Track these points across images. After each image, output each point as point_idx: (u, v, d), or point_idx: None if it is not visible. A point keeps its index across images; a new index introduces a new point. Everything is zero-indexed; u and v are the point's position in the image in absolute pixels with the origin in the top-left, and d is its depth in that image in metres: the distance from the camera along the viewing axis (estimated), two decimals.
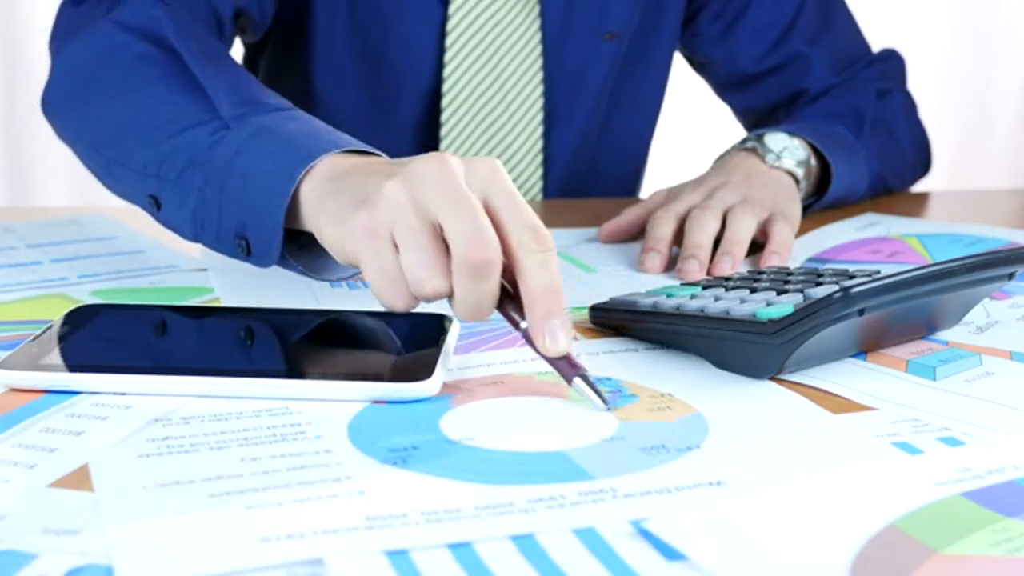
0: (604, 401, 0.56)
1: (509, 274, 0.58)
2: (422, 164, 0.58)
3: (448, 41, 1.02)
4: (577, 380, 0.56)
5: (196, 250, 0.86)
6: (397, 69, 1.04)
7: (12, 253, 0.84)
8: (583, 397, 0.56)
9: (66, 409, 0.55)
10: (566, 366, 0.57)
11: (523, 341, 0.65)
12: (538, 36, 1.04)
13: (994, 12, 2.44)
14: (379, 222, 0.57)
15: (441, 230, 0.56)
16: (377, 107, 1.06)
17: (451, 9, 1.01)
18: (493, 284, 0.57)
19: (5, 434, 0.52)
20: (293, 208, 0.66)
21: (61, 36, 0.87)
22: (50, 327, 0.63)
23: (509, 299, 0.58)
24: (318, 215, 0.63)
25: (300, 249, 0.69)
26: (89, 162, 0.82)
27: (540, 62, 1.04)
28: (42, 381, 0.57)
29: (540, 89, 1.05)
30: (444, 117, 1.03)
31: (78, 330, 0.63)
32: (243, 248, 0.68)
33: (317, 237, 0.64)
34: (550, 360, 0.57)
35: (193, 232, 0.71)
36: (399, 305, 0.58)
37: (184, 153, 0.71)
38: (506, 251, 0.57)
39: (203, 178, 0.70)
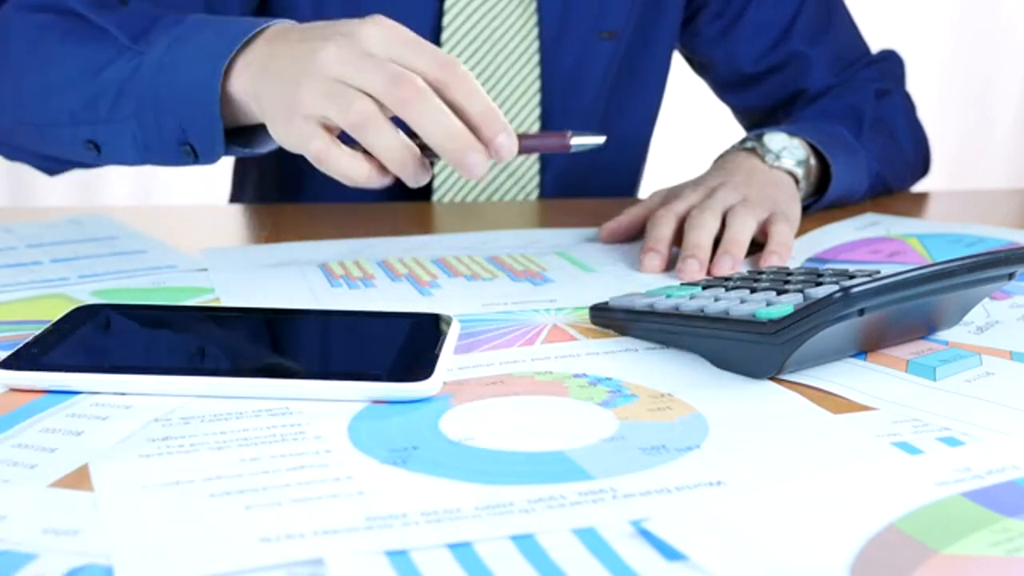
0: (600, 136, 0.69)
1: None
2: (322, 51, 0.68)
3: (443, 37, 1.02)
4: (570, 134, 0.68)
5: (196, 250, 0.86)
6: None
7: (12, 253, 0.84)
8: (585, 147, 0.69)
9: (66, 409, 0.55)
10: (550, 139, 0.66)
11: (523, 341, 0.65)
12: (535, 34, 1.04)
13: (994, 12, 2.44)
14: (299, 112, 0.68)
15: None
16: None
17: (446, 6, 1.01)
18: (428, 105, 0.67)
19: (5, 434, 0.52)
20: (227, 104, 0.74)
21: None
22: (50, 327, 0.63)
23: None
24: (259, 110, 0.72)
25: (237, 133, 0.77)
26: (18, 142, 0.87)
27: (537, 60, 1.04)
28: (42, 381, 0.57)
29: (537, 87, 1.05)
30: None
31: (78, 330, 0.63)
32: (189, 153, 0.76)
33: (263, 121, 0.72)
34: (537, 148, 0.69)
35: (140, 156, 0.79)
36: (350, 168, 0.69)
37: (109, 90, 0.78)
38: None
39: (136, 104, 0.77)
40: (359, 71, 0.68)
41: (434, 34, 1.02)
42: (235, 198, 1.24)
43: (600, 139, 0.73)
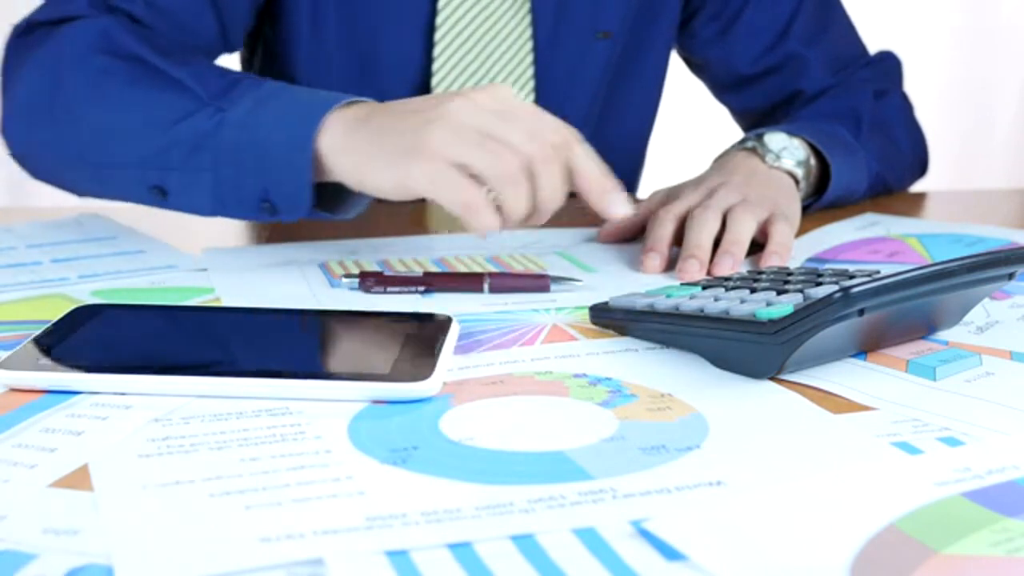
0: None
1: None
2: (450, 103, 0.70)
3: (436, 37, 1.01)
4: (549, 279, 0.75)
5: (196, 250, 0.86)
6: (385, 68, 1.04)
7: (12, 253, 0.84)
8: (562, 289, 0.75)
9: (66, 409, 0.55)
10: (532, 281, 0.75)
11: (523, 341, 0.65)
12: (528, 34, 1.03)
13: (994, 13, 2.44)
14: (435, 154, 0.68)
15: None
16: None
17: (439, 5, 1.01)
18: (559, 174, 0.69)
19: (5, 434, 0.52)
20: (315, 164, 0.74)
21: (13, 63, 0.89)
22: (50, 327, 0.63)
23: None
24: (355, 165, 0.73)
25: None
26: (68, 173, 0.86)
27: (531, 60, 1.04)
28: (42, 381, 0.57)
29: (531, 86, 1.05)
30: None
31: (78, 330, 0.63)
32: (269, 210, 0.77)
33: (353, 183, 0.73)
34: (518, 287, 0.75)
35: (214, 208, 0.79)
36: (482, 209, 0.68)
37: (186, 141, 0.78)
38: None
39: (213, 159, 0.77)
40: (501, 123, 0.69)
41: (427, 34, 1.02)
42: None
43: (579, 281, 0.77)
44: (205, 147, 0.77)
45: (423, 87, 1.03)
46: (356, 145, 0.73)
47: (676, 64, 1.19)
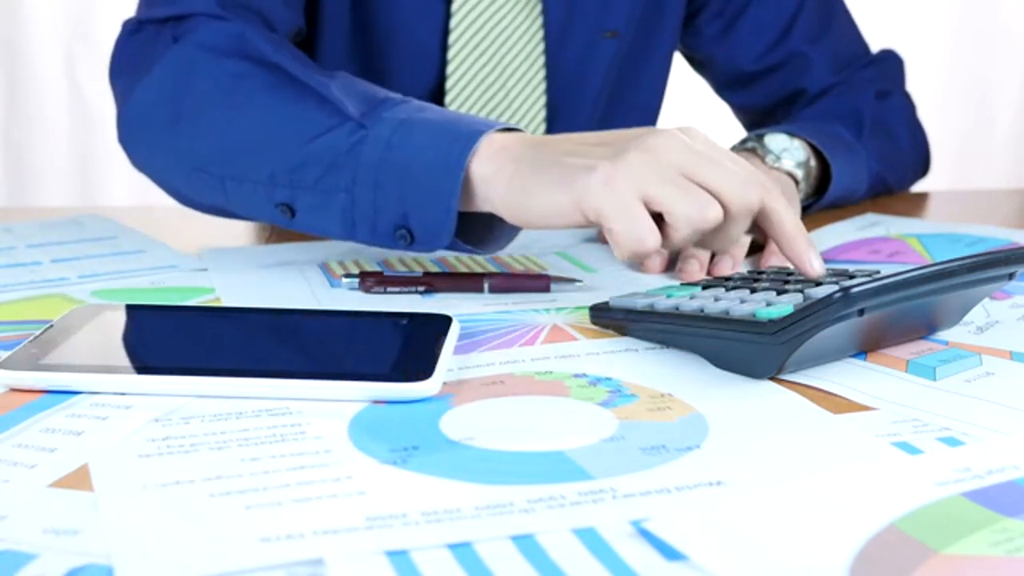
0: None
1: None
2: (656, 136, 0.67)
3: (451, 39, 1.02)
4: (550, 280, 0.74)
5: (196, 250, 0.86)
6: (400, 68, 1.04)
7: (12, 253, 0.84)
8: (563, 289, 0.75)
9: (66, 409, 0.55)
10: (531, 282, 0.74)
11: (523, 341, 0.65)
12: (540, 34, 1.04)
13: (994, 12, 2.44)
14: (626, 177, 0.65)
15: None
16: None
17: (454, 7, 1.01)
18: (750, 221, 0.68)
19: (5, 434, 0.52)
20: (463, 192, 0.70)
21: (128, 67, 0.85)
22: (50, 327, 0.63)
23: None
24: (518, 188, 0.68)
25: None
26: (190, 185, 0.81)
27: (542, 60, 1.04)
28: (42, 381, 0.57)
29: (542, 87, 1.05)
30: None
31: (78, 330, 0.63)
32: (406, 238, 0.73)
33: (508, 208, 0.69)
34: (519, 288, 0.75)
35: (344, 232, 0.75)
36: (650, 245, 0.65)
37: (322, 158, 0.73)
38: None
39: (350, 179, 0.72)
40: (709, 165, 0.66)
41: (441, 35, 1.02)
42: None
43: (579, 281, 0.76)
44: (343, 166, 0.72)
45: (437, 87, 1.03)
46: (519, 169, 0.69)
47: (678, 63, 1.19)
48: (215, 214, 0.84)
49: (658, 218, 0.66)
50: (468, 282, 0.75)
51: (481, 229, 0.75)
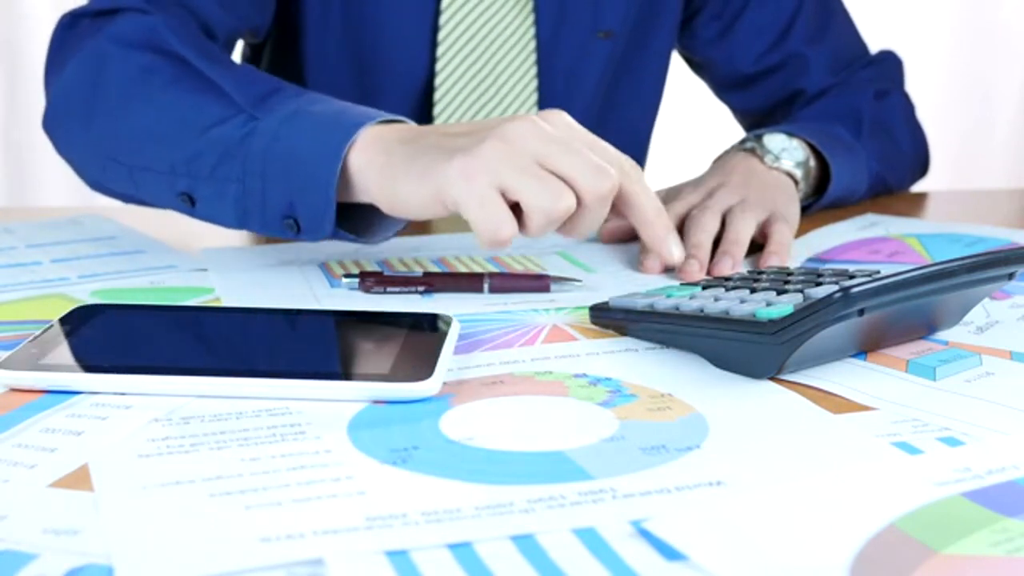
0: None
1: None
2: (512, 123, 0.67)
3: (440, 36, 1.01)
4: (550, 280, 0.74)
5: (196, 250, 0.86)
6: (389, 67, 1.04)
7: (12, 253, 0.84)
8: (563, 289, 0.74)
9: (66, 409, 0.55)
10: (531, 282, 0.74)
11: (523, 341, 0.65)
12: (532, 33, 1.04)
13: (994, 13, 2.44)
14: (482, 168, 0.66)
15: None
16: (369, 104, 1.06)
17: (443, 5, 1.01)
18: (608, 207, 0.68)
19: (5, 434, 0.52)
20: (341, 182, 0.71)
21: (57, 58, 0.88)
22: (50, 327, 0.63)
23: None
24: (388, 179, 0.70)
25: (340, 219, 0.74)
26: (104, 174, 0.84)
27: (533, 60, 1.04)
28: (42, 381, 0.57)
29: (534, 86, 1.05)
30: (436, 113, 1.03)
31: (78, 330, 0.63)
32: (292, 227, 0.74)
33: (381, 200, 0.71)
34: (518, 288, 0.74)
35: (237, 220, 0.76)
36: (504, 234, 0.66)
37: (215, 148, 0.75)
38: None
39: (241, 169, 0.74)
40: (562, 153, 0.67)
41: (431, 34, 1.02)
42: None
43: (579, 281, 0.76)
44: (234, 156, 0.75)
45: (427, 85, 1.03)
46: (390, 160, 0.70)
47: (677, 63, 1.19)
48: (130, 203, 0.86)
49: (516, 207, 0.67)
50: (468, 282, 0.75)
51: (371, 219, 0.77)
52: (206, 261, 0.83)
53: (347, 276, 0.76)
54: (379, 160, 0.71)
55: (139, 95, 0.80)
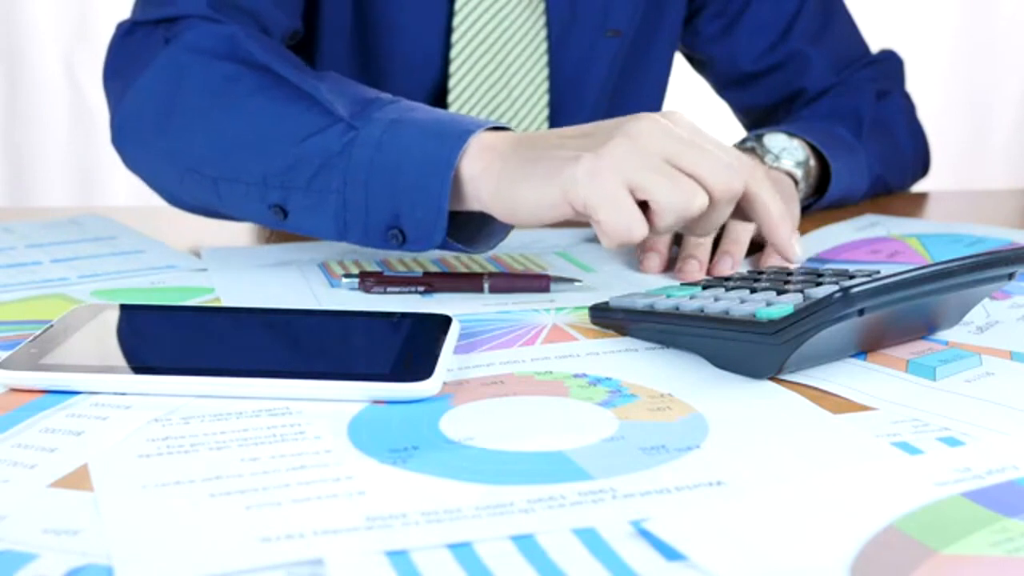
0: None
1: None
2: (639, 122, 0.67)
3: (454, 38, 1.02)
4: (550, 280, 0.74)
5: (196, 250, 0.86)
6: (402, 69, 1.04)
7: (12, 253, 0.84)
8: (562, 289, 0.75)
9: (66, 409, 0.55)
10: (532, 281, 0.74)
11: (523, 341, 0.65)
12: (543, 34, 1.04)
13: (995, 14, 2.44)
14: (611, 167, 0.65)
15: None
16: None
17: (456, 7, 1.01)
18: (732, 207, 0.69)
19: (5, 434, 0.52)
20: (452, 191, 0.70)
21: (121, 69, 0.86)
22: (50, 327, 0.63)
23: None
24: (507, 185, 0.69)
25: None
26: (182, 186, 0.82)
27: (545, 59, 1.04)
28: (42, 381, 0.57)
29: (545, 86, 1.05)
30: None
31: (78, 330, 0.63)
32: (397, 238, 0.73)
33: (498, 206, 0.69)
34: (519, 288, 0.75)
35: (337, 232, 0.74)
36: (637, 234, 0.66)
37: (313, 159, 0.73)
38: None
39: (341, 179, 0.73)
40: (691, 152, 0.66)
41: (444, 35, 1.02)
42: None
43: (579, 281, 0.76)
44: (334, 166, 0.73)
45: (440, 87, 1.03)
46: (507, 166, 0.69)
47: (678, 62, 1.19)
48: (208, 215, 0.84)
49: (643, 205, 0.66)
50: (468, 282, 0.75)
51: (473, 228, 0.75)
52: (206, 261, 0.83)
53: (347, 276, 0.76)
54: (495, 166, 0.69)
55: (224, 105, 0.78)
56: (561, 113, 1.07)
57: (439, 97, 1.04)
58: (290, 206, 0.75)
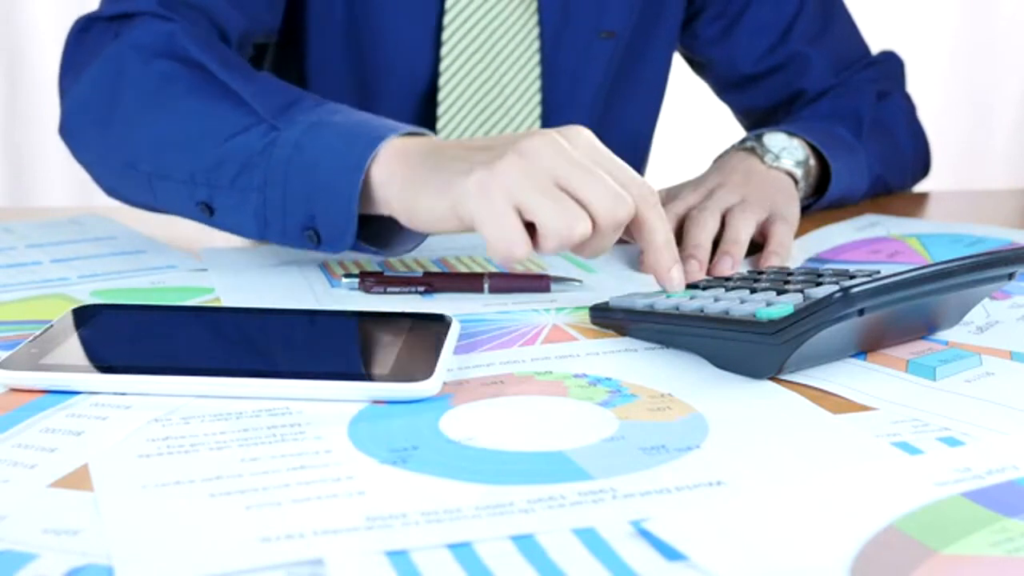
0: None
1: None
2: (532, 140, 0.66)
3: (444, 37, 1.01)
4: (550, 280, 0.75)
5: (196, 250, 0.86)
6: (393, 68, 1.04)
7: (12, 253, 0.84)
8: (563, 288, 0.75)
9: (66, 409, 0.55)
10: (531, 282, 0.75)
11: (523, 341, 0.65)
12: (536, 34, 1.04)
13: (995, 14, 2.44)
14: (500, 185, 0.65)
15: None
16: (372, 106, 1.05)
17: (447, 6, 1.01)
18: (620, 232, 0.67)
19: (5, 434, 0.52)
20: (362, 194, 0.71)
21: (73, 63, 0.87)
22: (50, 327, 0.63)
23: None
24: (409, 192, 0.69)
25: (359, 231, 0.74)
26: (121, 181, 0.83)
27: (537, 60, 1.04)
28: (42, 381, 0.57)
29: (537, 87, 1.05)
30: (440, 114, 1.03)
31: (78, 330, 0.63)
32: (313, 239, 0.74)
33: (401, 213, 0.70)
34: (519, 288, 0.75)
35: (258, 231, 0.76)
36: (518, 254, 0.65)
37: (236, 158, 0.75)
38: None
39: (262, 179, 0.74)
40: (582, 176, 0.65)
41: (435, 34, 1.02)
42: None
43: (579, 281, 0.76)
44: (255, 165, 0.74)
45: (430, 86, 1.03)
46: (410, 174, 0.70)
47: (677, 64, 1.19)
48: (146, 210, 0.86)
49: (531, 225, 0.66)
50: (468, 282, 0.75)
51: (390, 232, 0.76)
52: (206, 261, 0.83)
53: (347, 276, 0.76)
54: (400, 173, 0.70)
55: (158, 103, 0.79)
56: (555, 114, 1.07)
57: (429, 100, 1.04)
58: (215, 204, 0.77)
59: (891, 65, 1.16)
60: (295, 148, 0.73)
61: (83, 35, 0.88)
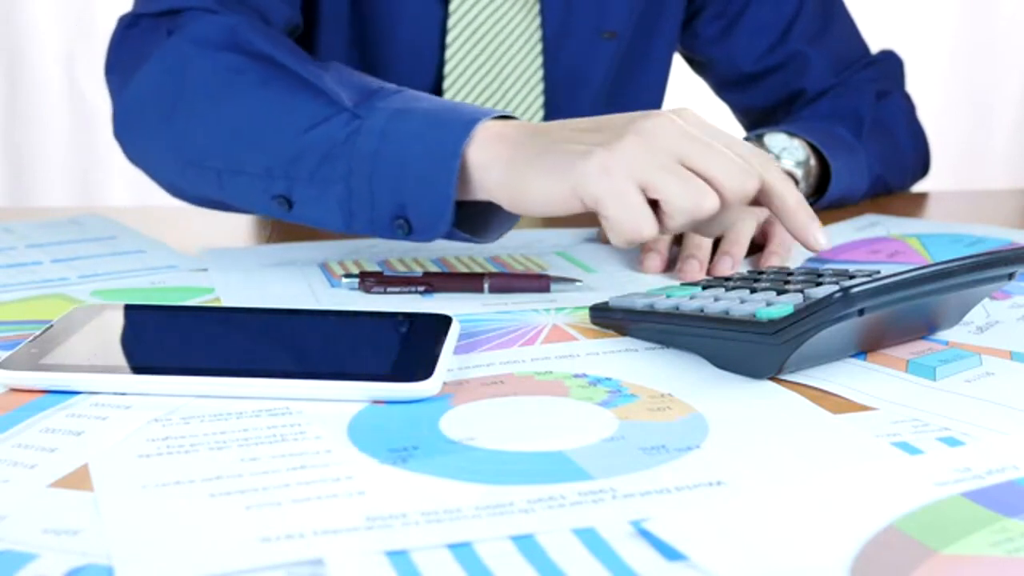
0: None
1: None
2: (649, 120, 0.66)
3: (448, 39, 1.02)
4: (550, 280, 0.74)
5: (196, 250, 0.86)
6: (397, 69, 1.04)
7: (12, 253, 0.84)
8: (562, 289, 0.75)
9: (66, 409, 0.55)
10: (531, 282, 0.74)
11: (523, 341, 0.65)
12: (538, 35, 1.04)
13: (995, 14, 2.44)
14: (623, 165, 0.64)
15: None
16: None
17: (451, 7, 1.01)
18: (745, 206, 0.68)
19: (5, 434, 0.52)
20: (459, 180, 0.70)
21: (121, 61, 0.86)
22: (50, 327, 0.63)
23: None
24: (516, 175, 0.68)
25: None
26: (183, 178, 0.82)
27: (540, 61, 1.04)
28: (42, 381, 0.57)
29: (540, 88, 1.05)
30: None
31: (78, 330, 0.63)
32: (403, 227, 0.72)
33: (505, 197, 0.69)
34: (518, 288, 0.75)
35: (344, 222, 0.74)
36: (647, 232, 0.65)
37: (317, 149, 0.73)
38: None
39: (346, 169, 0.72)
40: (705, 152, 0.65)
41: (439, 35, 1.02)
42: None
43: (579, 281, 0.76)
44: (338, 156, 0.72)
45: (435, 88, 1.03)
46: (515, 156, 0.68)
47: (677, 63, 1.19)
48: (210, 207, 0.84)
49: (653, 204, 0.66)
50: (468, 282, 0.75)
51: (478, 219, 0.75)
52: (206, 261, 0.83)
53: (347, 276, 0.76)
54: (504, 155, 0.69)
55: (228, 96, 0.78)
56: (557, 114, 1.07)
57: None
58: (295, 197, 0.75)
59: (891, 65, 1.16)
60: (381, 136, 0.71)
61: (130, 32, 0.86)
